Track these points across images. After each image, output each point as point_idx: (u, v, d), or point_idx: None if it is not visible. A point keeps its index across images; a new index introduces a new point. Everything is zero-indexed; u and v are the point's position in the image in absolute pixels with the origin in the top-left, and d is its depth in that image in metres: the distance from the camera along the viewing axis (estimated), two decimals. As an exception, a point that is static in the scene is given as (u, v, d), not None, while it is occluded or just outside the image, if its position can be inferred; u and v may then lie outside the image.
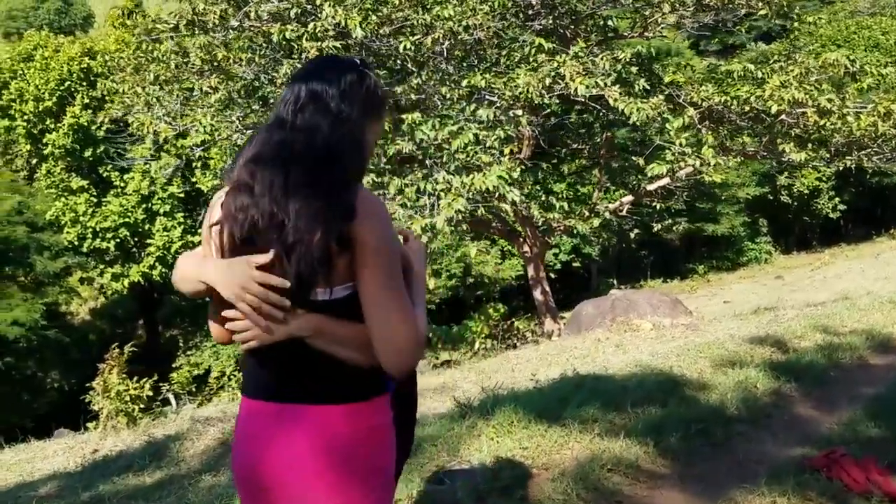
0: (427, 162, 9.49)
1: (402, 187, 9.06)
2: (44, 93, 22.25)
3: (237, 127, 10.06)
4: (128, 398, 8.52)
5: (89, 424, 9.01)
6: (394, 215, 9.10)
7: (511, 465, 3.86)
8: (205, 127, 9.78)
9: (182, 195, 23.43)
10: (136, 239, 23.53)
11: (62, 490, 5.69)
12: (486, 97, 9.91)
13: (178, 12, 9.67)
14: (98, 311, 29.69)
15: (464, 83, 9.73)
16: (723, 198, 26.35)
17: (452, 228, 9.22)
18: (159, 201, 22.97)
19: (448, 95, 9.78)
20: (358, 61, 1.88)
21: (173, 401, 12.87)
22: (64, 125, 22.46)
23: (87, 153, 22.78)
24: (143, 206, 22.94)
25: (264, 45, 9.54)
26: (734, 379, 5.11)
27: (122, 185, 22.77)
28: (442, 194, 8.70)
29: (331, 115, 1.76)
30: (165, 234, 22.92)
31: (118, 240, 22.83)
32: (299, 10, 9.45)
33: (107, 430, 8.50)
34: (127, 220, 22.66)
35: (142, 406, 8.90)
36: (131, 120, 10.93)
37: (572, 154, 15.03)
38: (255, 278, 1.66)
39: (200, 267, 1.78)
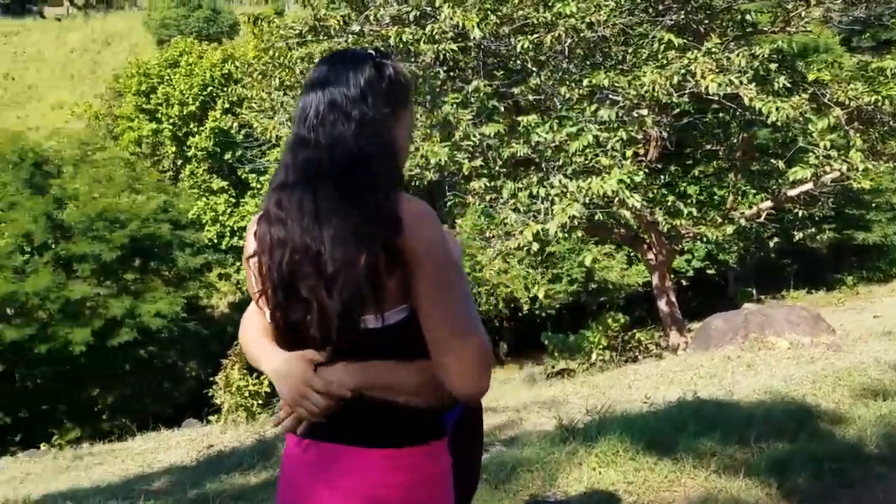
0: (543, 165, 9.16)
1: (516, 191, 8.81)
2: (188, 97, 23.63)
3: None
4: (247, 393, 8.75)
5: (211, 417, 9.34)
6: (505, 220, 8.87)
7: (612, 500, 3.53)
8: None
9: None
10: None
11: (173, 485, 5.86)
12: (609, 97, 9.47)
13: (304, 19, 9.88)
14: (236, 306, 31.22)
15: (585, 82, 9.33)
16: (874, 205, 24.26)
17: (566, 235, 8.85)
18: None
19: (567, 95, 9.41)
20: (372, 52, 1.69)
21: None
22: (206, 129, 23.76)
23: (227, 156, 23.99)
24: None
25: (382, 49, 9.52)
26: (875, 412, 4.51)
27: (259, 186, 23.81)
28: (556, 199, 8.37)
29: (353, 121, 1.57)
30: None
31: (254, 238, 23.81)
32: (418, 13, 9.39)
33: (227, 424, 8.79)
34: (262, 219, 23.58)
35: (260, 402, 9.15)
36: (255, 125, 11.28)
37: (706, 156, 14.20)
38: (315, 386, 1.53)
39: (259, 352, 1.69)
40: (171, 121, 23.96)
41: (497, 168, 9.17)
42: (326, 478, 1.55)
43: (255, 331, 1.72)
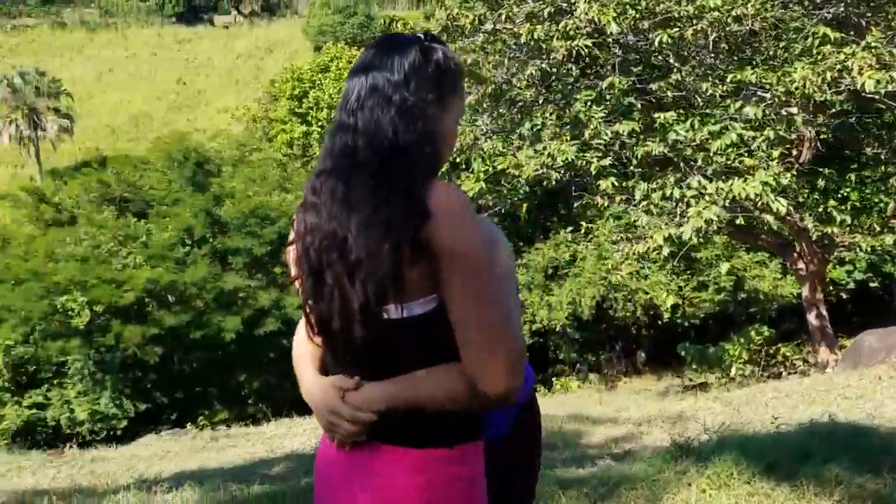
0: (681, 165, 8.69)
1: (649, 192, 8.41)
2: (336, 101, 24.61)
3: (483, 131, 10.09)
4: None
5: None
6: (636, 222, 8.50)
7: (719, 526, 3.25)
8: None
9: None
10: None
11: (290, 471, 6.05)
12: (756, 94, 8.85)
13: (438, 19, 9.96)
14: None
15: (729, 78, 8.76)
16: None
17: (702, 239, 8.34)
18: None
19: (710, 92, 8.88)
20: (422, 36, 1.61)
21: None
22: (352, 131, 24.67)
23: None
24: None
25: (514, 46, 9.43)
26: None
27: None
28: (692, 201, 7.90)
29: (393, 106, 1.51)
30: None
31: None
32: (553, 9, 9.20)
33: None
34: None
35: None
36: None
37: (869, 159, 12.99)
38: (343, 415, 1.51)
39: (299, 371, 1.69)
40: (319, 123, 25.05)
41: (630, 167, 8.81)
42: (358, 475, 1.53)
43: (300, 346, 1.72)
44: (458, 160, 12.13)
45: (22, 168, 36.34)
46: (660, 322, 17.88)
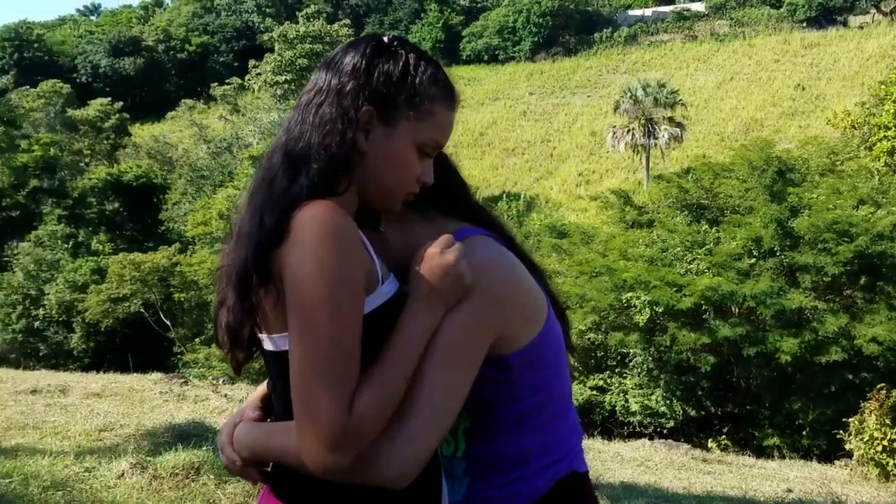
0: None
1: None
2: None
3: None
4: (881, 448, 7.42)
5: (837, 461, 8.21)
6: None
7: None
8: None
9: None
10: None
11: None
12: None
13: None
14: None
15: None
16: None
17: None
18: None
19: None
20: (386, 39, 1.37)
21: None
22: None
23: None
24: None
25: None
26: None
27: None
28: None
29: (308, 111, 1.35)
30: None
31: None
32: None
33: (854, 474, 7.65)
34: None
35: (897, 460, 7.59)
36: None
37: None
38: (223, 453, 1.45)
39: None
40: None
41: None
42: None
43: None
44: None
45: (633, 174, 40.14)
46: None
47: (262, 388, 1.55)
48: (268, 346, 1.34)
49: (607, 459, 6.89)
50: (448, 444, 1.49)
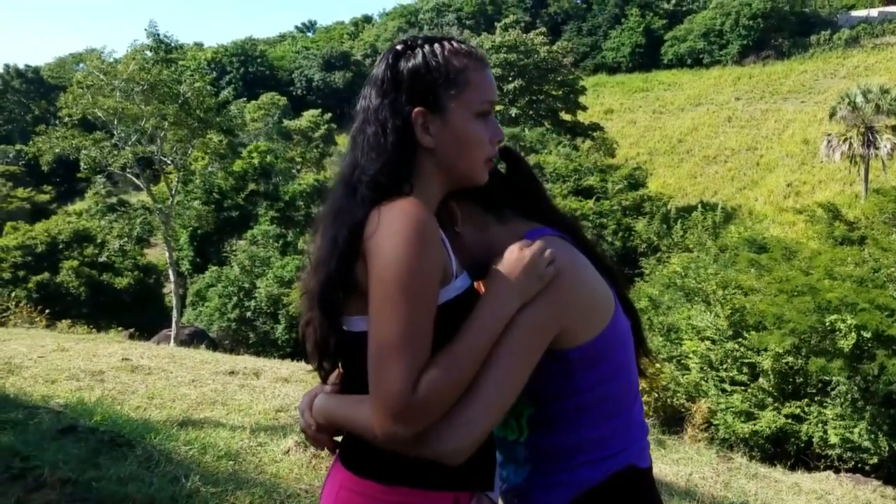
0: None
1: None
2: None
3: None
4: None
5: None
6: None
7: None
8: None
9: None
10: None
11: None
12: None
13: None
14: None
15: None
16: None
17: None
18: None
19: None
20: (407, 41, 1.47)
21: None
22: None
23: None
24: None
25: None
26: None
27: None
28: None
29: (356, 138, 1.49)
30: None
31: None
32: None
33: None
34: None
35: None
36: None
37: None
38: (300, 424, 1.61)
39: None
40: None
41: None
42: (326, 487, 1.56)
43: None
44: None
45: (849, 186, 36.68)
46: None
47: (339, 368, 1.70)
48: (346, 326, 1.46)
49: (782, 489, 6.40)
50: (513, 430, 1.56)
